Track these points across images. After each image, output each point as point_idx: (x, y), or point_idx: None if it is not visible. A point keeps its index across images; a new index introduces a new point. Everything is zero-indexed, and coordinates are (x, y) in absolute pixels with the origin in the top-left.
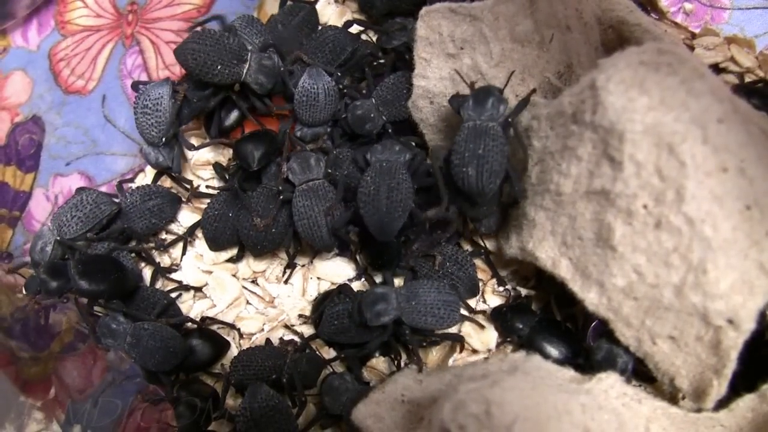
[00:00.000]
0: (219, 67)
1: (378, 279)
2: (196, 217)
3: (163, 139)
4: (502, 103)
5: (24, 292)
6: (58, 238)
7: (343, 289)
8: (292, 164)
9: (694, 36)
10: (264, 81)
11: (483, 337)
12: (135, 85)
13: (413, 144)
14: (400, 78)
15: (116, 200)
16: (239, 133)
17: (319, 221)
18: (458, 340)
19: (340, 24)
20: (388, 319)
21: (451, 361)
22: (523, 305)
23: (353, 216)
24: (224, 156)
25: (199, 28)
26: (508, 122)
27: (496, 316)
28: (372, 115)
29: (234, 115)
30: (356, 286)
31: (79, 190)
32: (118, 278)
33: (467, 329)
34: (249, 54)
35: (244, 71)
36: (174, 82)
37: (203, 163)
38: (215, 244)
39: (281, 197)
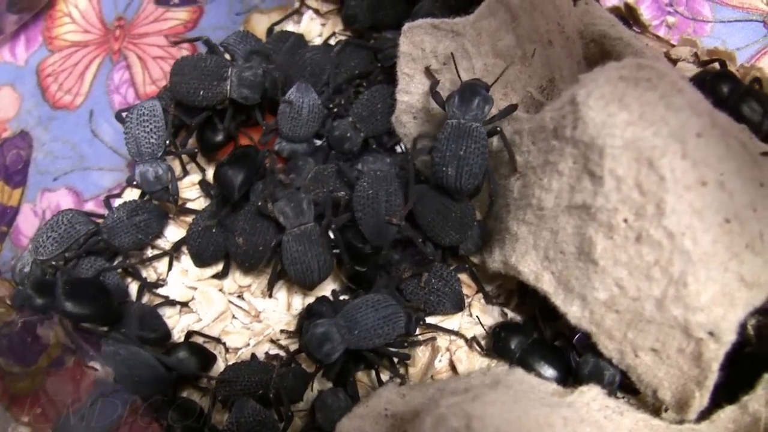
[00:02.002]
0: (202, 92)
1: None
2: (182, 233)
3: (163, 149)
4: (487, 103)
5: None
6: (35, 258)
7: (316, 306)
8: (284, 208)
9: None
10: (248, 93)
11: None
12: (119, 115)
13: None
14: (374, 93)
15: (95, 220)
16: (231, 148)
17: (312, 266)
18: (432, 340)
19: (332, 38)
20: (338, 354)
21: (438, 362)
22: (518, 325)
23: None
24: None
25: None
26: (496, 130)
27: (491, 334)
28: (349, 135)
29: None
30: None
31: (61, 211)
32: (103, 304)
33: (460, 354)
34: (229, 70)
35: (227, 89)
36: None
37: (188, 186)
38: (199, 260)
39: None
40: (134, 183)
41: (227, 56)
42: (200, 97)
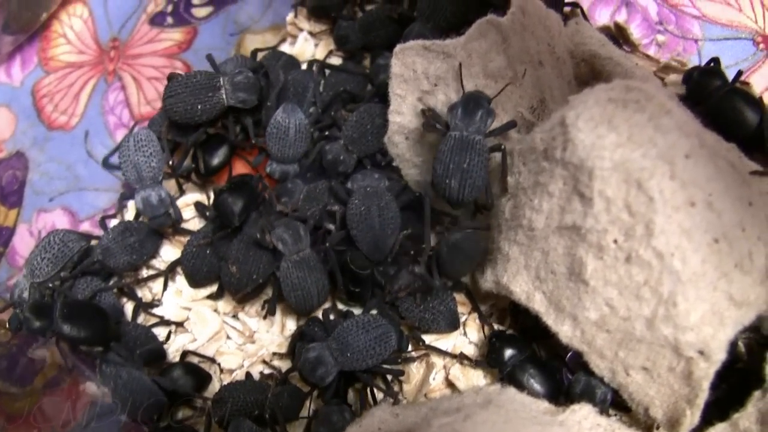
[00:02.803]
0: (200, 106)
1: (356, 311)
2: (178, 253)
3: (163, 172)
4: (490, 116)
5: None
6: (32, 282)
7: (307, 328)
8: (283, 235)
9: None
10: (245, 96)
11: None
12: (106, 162)
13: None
14: (362, 114)
15: (86, 236)
16: (227, 172)
17: (312, 292)
18: (426, 356)
19: (329, 57)
20: (332, 377)
21: (432, 379)
22: (513, 336)
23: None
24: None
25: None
26: (500, 147)
27: (487, 343)
28: (342, 157)
29: (221, 152)
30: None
31: (50, 231)
32: (101, 327)
33: (455, 372)
34: (220, 80)
35: (224, 97)
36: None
37: (182, 206)
38: (193, 281)
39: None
40: (138, 209)
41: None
42: (199, 111)
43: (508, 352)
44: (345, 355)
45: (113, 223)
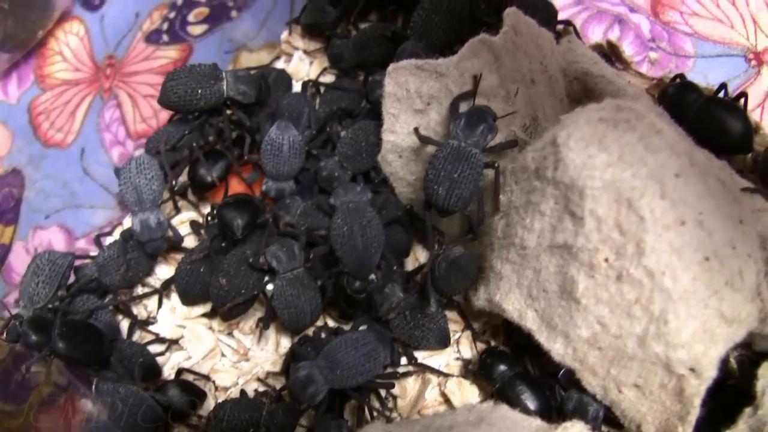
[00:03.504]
0: (200, 91)
1: (347, 327)
2: (172, 271)
3: (162, 196)
4: (491, 132)
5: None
6: (34, 309)
7: (298, 348)
8: (278, 252)
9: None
10: (245, 89)
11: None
12: (117, 171)
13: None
14: (357, 132)
15: (70, 253)
16: (223, 187)
17: (305, 309)
18: (420, 372)
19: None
20: (323, 396)
21: (427, 394)
22: (504, 353)
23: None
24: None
25: None
26: (493, 165)
27: (479, 360)
28: (336, 174)
29: (219, 166)
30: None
31: (35, 256)
32: (97, 348)
33: (452, 386)
34: (223, 72)
35: (224, 87)
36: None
37: (177, 224)
38: (186, 299)
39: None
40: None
41: None
42: (198, 95)
43: (499, 368)
44: (335, 372)
45: (109, 240)
